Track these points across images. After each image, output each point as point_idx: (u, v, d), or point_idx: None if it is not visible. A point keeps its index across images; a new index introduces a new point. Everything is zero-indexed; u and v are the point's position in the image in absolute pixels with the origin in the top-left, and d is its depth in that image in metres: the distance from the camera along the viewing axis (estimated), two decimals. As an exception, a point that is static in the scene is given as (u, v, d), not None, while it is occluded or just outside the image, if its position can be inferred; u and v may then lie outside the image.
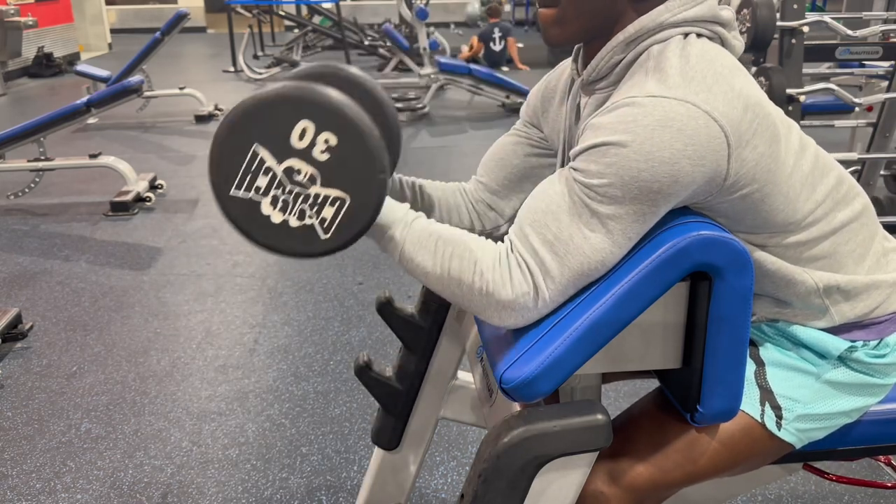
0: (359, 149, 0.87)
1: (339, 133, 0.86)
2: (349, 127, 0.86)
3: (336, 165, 0.87)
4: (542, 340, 0.91)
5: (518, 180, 1.19)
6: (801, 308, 1.00)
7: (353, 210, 0.88)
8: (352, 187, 0.88)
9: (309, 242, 0.90)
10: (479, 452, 0.96)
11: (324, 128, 0.86)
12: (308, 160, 0.86)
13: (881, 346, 1.01)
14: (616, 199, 0.84)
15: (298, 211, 0.88)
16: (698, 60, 0.86)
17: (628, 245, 0.88)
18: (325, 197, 0.88)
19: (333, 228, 0.89)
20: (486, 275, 0.90)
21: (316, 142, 0.86)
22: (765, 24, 3.00)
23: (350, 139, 0.86)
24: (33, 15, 8.48)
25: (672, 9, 0.90)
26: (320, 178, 0.87)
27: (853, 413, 1.03)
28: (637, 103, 0.84)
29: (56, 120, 3.88)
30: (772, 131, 0.88)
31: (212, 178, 0.89)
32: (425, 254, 0.93)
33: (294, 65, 9.00)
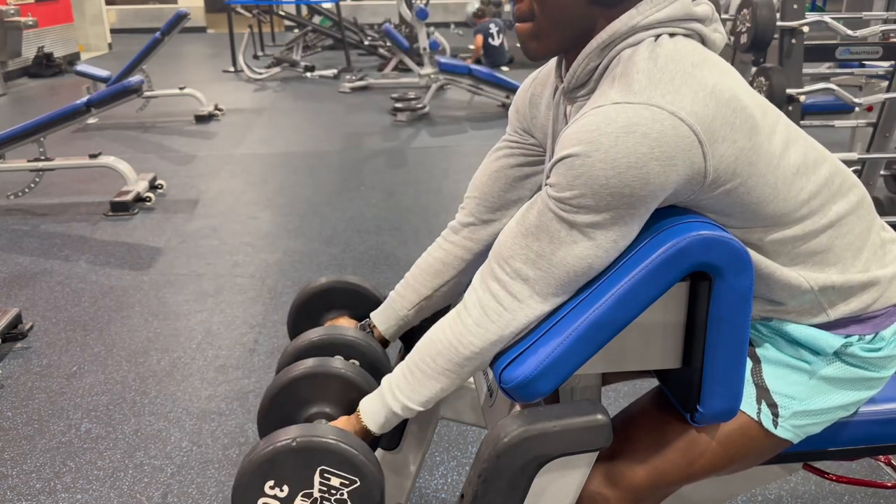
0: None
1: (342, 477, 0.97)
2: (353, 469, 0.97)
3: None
4: (542, 340, 0.91)
5: (513, 188, 1.20)
6: (795, 306, 0.99)
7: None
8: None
9: None
10: (479, 452, 0.96)
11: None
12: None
13: (876, 339, 1.01)
14: (591, 208, 0.85)
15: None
16: (667, 61, 0.86)
17: (615, 248, 0.89)
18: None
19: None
20: (465, 339, 0.96)
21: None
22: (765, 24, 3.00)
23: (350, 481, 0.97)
24: (33, 15, 8.49)
25: (643, 11, 0.90)
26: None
27: (850, 407, 1.04)
28: (600, 112, 0.84)
29: (56, 120, 3.88)
30: (750, 124, 0.87)
31: None
32: (426, 383, 1.01)
33: (294, 64, 9.01)
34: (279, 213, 3.88)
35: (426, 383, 1.00)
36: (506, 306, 0.93)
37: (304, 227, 3.66)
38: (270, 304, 2.82)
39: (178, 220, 3.80)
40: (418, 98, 6.55)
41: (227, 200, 4.11)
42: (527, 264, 0.91)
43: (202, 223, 3.75)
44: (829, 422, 1.03)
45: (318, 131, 5.85)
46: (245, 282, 3.03)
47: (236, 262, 3.25)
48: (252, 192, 4.28)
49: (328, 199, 4.12)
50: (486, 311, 0.94)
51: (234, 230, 3.64)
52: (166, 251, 3.39)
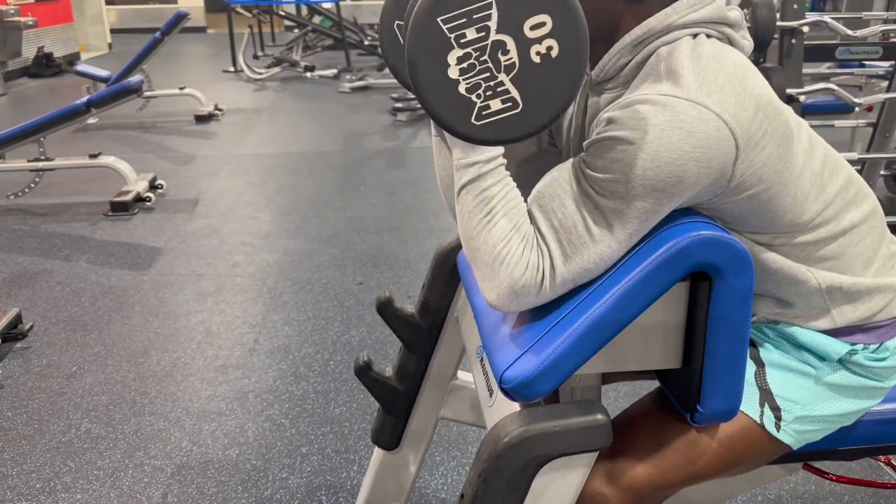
0: (567, 74, 0.83)
1: (566, 50, 0.82)
2: (578, 51, 0.82)
3: (538, 73, 0.83)
4: (542, 340, 0.91)
5: (524, 163, 1.18)
6: (802, 309, 1.00)
7: (516, 120, 0.85)
8: (532, 101, 0.84)
9: (459, 116, 0.85)
10: (479, 452, 0.96)
11: (558, 35, 0.81)
12: (521, 50, 0.82)
13: (881, 349, 1.01)
14: (619, 195, 0.85)
15: (475, 83, 0.83)
16: (710, 61, 0.86)
17: (628, 242, 0.88)
18: (506, 91, 0.83)
19: (486, 121, 0.85)
20: (511, 245, 0.88)
21: (542, 41, 0.82)
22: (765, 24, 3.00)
23: (569, 61, 0.83)
24: (33, 15, 8.49)
25: (679, 10, 0.90)
26: (516, 72, 0.83)
27: (851, 416, 1.04)
28: (650, 101, 0.84)
29: (56, 120, 3.88)
30: (783, 131, 0.87)
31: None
32: (485, 200, 0.89)
33: (294, 65, 9.01)
34: (279, 213, 3.88)
35: (480, 201, 0.90)
36: (517, 266, 0.88)
37: (304, 227, 3.66)
38: (270, 304, 2.82)
39: (178, 220, 3.80)
40: (418, 98, 6.54)
41: (227, 200, 4.11)
42: (549, 232, 0.88)
43: (202, 223, 3.75)
44: (830, 430, 1.03)
45: (318, 131, 5.85)
46: (245, 282, 3.03)
47: (236, 262, 3.25)
48: (252, 192, 4.28)
49: (328, 199, 4.12)
50: (523, 251, 0.89)
51: (234, 230, 3.64)
52: (166, 251, 3.39)
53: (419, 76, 0.84)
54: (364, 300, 2.84)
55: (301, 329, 2.63)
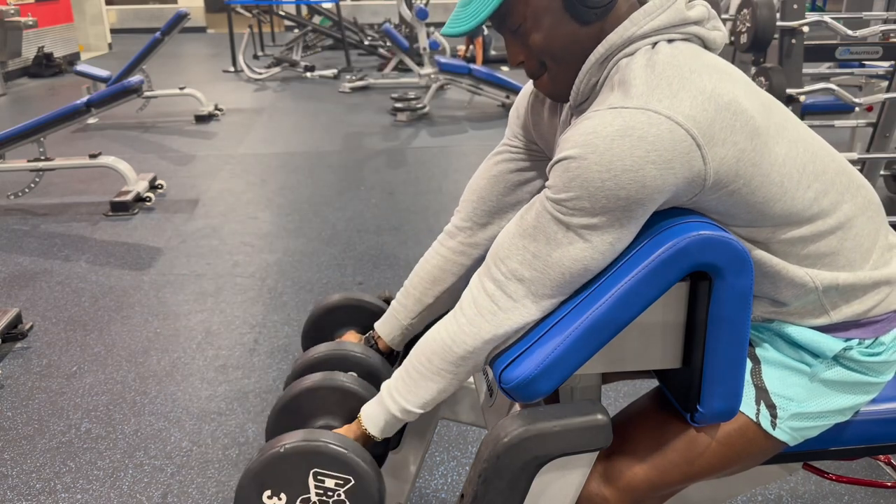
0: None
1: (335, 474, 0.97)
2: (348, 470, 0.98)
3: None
4: (542, 340, 0.91)
5: (512, 192, 1.21)
6: (798, 307, 1.00)
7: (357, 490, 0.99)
8: None
9: None
10: (479, 452, 0.96)
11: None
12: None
13: (876, 344, 1.01)
14: (586, 210, 0.86)
15: None
16: (664, 67, 0.87)
17: (611, 250, 0.89)
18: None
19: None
20: (459, 338, 0.96)
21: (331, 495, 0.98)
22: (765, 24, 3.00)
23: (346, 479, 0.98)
24: (33, 15, 8.49)
25: (637, 22, 0.90)
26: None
27: (847, 411, 1.04)
28: (597, 116, 0.85)
29: (56, 120, 3.88)
30: (750, 126, 0.87)
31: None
32: (423, 384, 1.01)
33: (294, 65, 9.01)
34: (279, 213, 3.88)
35: (423, 384, 1.01)
36: (500, 305, 0.93)
37: (304, 227, 3.66)
38: (270, 304, 2.82)
39: (178, 220, 3.80)
40: (418, 98, 6.55)
41: (227, 200, 4.11)
42: (523, 265, 0.91)
43: (202, 223, 3.75)
44: (826, 426, 1.03)
45: (318, 131, 5.85)
46: (245, 282, 3.03)
47: (236, 262, 3.25)
48: (252, 192, 4.28)
49: (328, 199, 4.12)
50: (480, 311, 0.94)
51: (234, 230, 3.64)
52: (166, 251, 3.39)
53: None
54: (364, 300, 2.84)
55: (301, 329, 2.62)
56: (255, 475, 0.97)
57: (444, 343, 0.98)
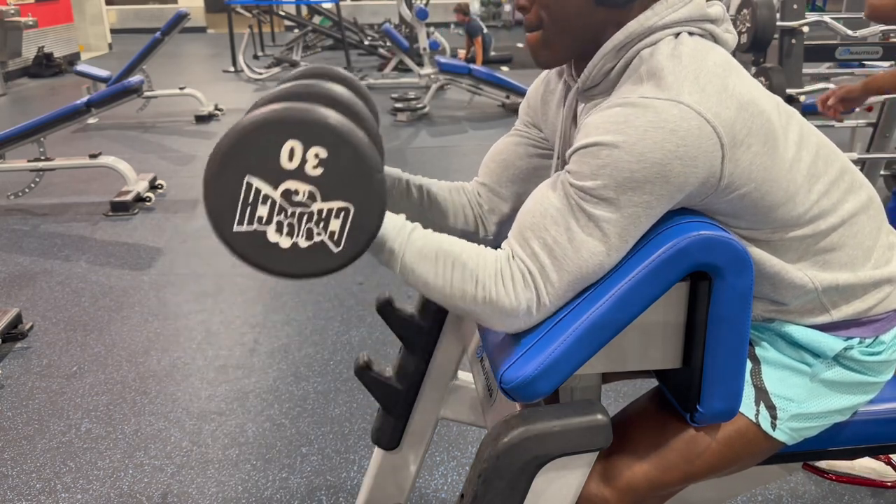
0: (350, 156, 0.85)
1: (327, 145, 0.84)
2: (334, 137, 0.84)
3: (332, 177, 0.85)
4: (543, 340, 0.91)
5: (520, 181, 1.18)
6: (798, 306, 0.99)
7: (360, 216, 0.87)
8: (353, 194, 0.86)
9: (323, 259, 0.89)
10: (479, 452, 0.96)
11: (311, 143, 0.84)
12: (303, 179, 0.85)
13: (876, 343, 1.01)
14: (610, 200, 0.85)
15: (306, 231, 0.87)
16: (690, 60, 0.86)
17: (624, 248, 0.88)
18: (329, 210, 0.86)
19: (344, 239, 0.88)
20: (488, 284, 0.90)
21: (307, 158, 0.84)
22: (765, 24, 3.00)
23: (339, 148, 0.85)
24: (33, 15, 8.49)
25: (660, 12, 0.90)
26: (319, 193, 0.85)
27: (846, 411, 1.04)
28: (630, 104, 0.84)
29: (56, 120, 3.88)
30: (766, 129, 0.87)
31: (211, 220, 0.87)
32: (426, 265, 0.93)
33: (294, 65, 9.01)
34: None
35: (427, 266, 0.93)
36: (527, 284, 0.90)
37: (304, 227, 3.65)
38: (270, 304, 2.82)
39: (178, 220, 3.80)
40: (418, 98, 6.55)
41: (227, 200, 4.11)
42: (543, 250, 0.89)
43: (202, 223, 3.75)
44: (826, 426, 1.03)
45: (318, 131, 5.84)
46: (245, 282, 3.03)
47: (236, 262, 3.24)
48: (252, 192, 4.28)
49: (328, 199, 4.12)
50: (514, 281, 0.90)
51: (234, 230, 3.64)
52: (166, 251, 3.39)
53: (269, 269, 0.89)
54: (364, 300, 2.84)
55: (301, 329, 2.63)
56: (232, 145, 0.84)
57: (475, 274, 0.91)
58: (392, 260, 0.94)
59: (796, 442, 1.02)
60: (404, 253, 0.93)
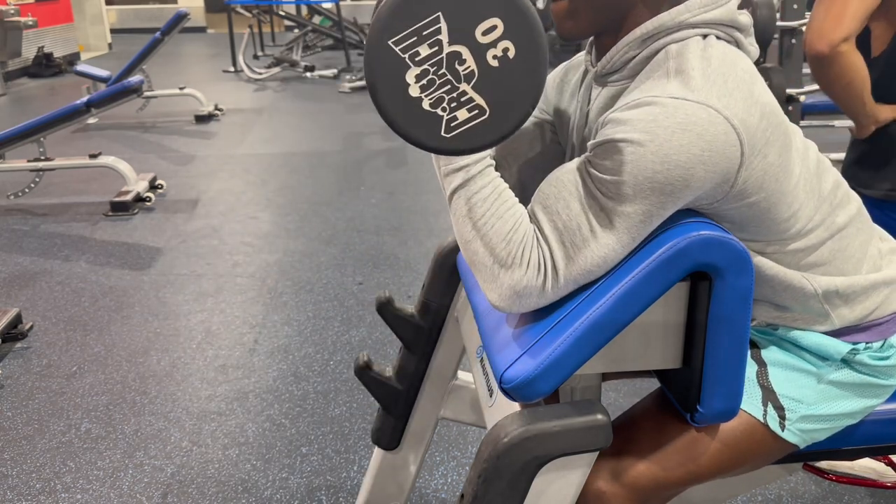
0: (528, 74, 0.82)
1: (522, 49, 0.81)
2: (534, 49, 0.81)
3: (498, 77, 0.82)
4: (543, 340, 0.91)
5: (523, 155, 1.16)
6: (800, 312, 1.00)
7: (485, 127, 0.84)
8: (498, 105, 0.84)
9: (427, 132, 0.84)
10: (479, 452, 0.96)
11: (511, 37, 0.80)
12: (478, 57, 0.81)
13: (885, 347, 1.01)
14: (627, 197, 0.84)
15: (437, 97, 0.82)
16: (720, 63, 0.86)
17: (631, 245, 0.88)
18: (469, 99, 0.82)
19: (455, 132, 0.84)
20: (512, 246, 0.88)
21: (496, 45, 0.80)
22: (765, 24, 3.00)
23: (527, 61, 0.81)
24: (33, 15, 8.49)
25: (692, 9, 0.89)
26: (476, 79, 0.82)
27: (857, 414, 1.03)
28: (659, 103, 0.83)
29: (56, 120, 3.88)
30: (783, 140, 0.88)
31: (379, 18, 0.81)
32: (479, 202, 0.90)
33: (294, 65, 9.01)
34: (279, 213, 3.88)
35: (477, 203, 0.90)
36: (540, 261, 0.89)
37: (304, 227, 3.66)
38: (270, 304, 2.82)
39: (178, 220, 3.80)
40: (418, 98, 6.54)
41: (227, 200, 4.11)
42: (553, 233, 0.88)
43: (202, 223, 3.75)
44: (836, 429, 1.03)
45: (318, 131, 5.85)
46: (245, 282, 3.03)
47: (236, 262, 3.25)
48: (252, 192, 4.28)
49: (328, 199, 4.12)
50: (524, 252, 0.89)
51: (234, 230, 3.64)
52: (166, 251, 3.39)
53: (381, 100, 0.84)
54: (364, 300, 2.84)
55: (301, 329, 2.63)
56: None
57: (504, 232, 0.89)
58: (454, 179, 0.91)
59: (806, 444, 1.02)
60: (471, 179, 0.90)
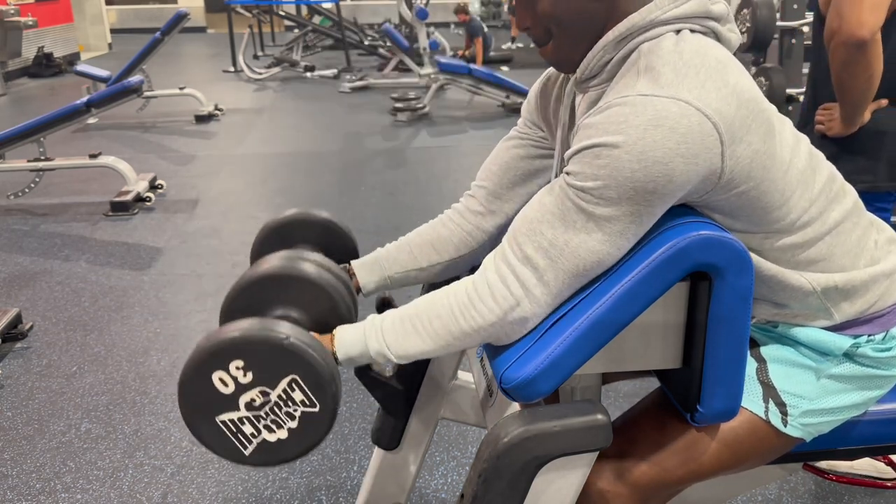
0: (253, 350, 0.90)
1: (234, 358, 0.90)
2: (227, 352, 0.89)
3: (260, 371, 0.90)
4: (542, 340, 0.91)
5: (522, 182, 1.19)
6: (800, 309, 0.99)
7: (308, 373, 0.91)
8: (283, 366, 0.91)
9: (316, 425, 0.93)
10: (479, 452, 0.96)
11: (223, 367, 0.90)
12: (245, 389, 0.91)
13: (887, 338, 1.01)
14: (612, 200, 0.84)
15: (286, 416, 0.93)
16: (692, 56, 0.86)
17: (626, 245, 0.88)
18: (284, 390, 0.91)
19: (315, 396, 0.92)
20: (467, 313, 0.93)
21: (234, 376, 0.90)
22: (765, 24, 3.00)
23: (241, 353, 0.89)
24: (33, 15, 8.49)
25: (662, 6, 0.89)
26: (265, 386, 0.91)
27: (861, 406, 1.03)
28: (628, 102, 0.84)
29: (56, 120, 3.88)
30: (766, 127, 0.87)
31: (212, 450, 0.94)
32: (412, 339, 0.96)
33: (294, 64, 9.02)
34: (279, 213, 3.88)
35: (413, 339, 0.96)
36: (512, 291, 0.91)
37: (304, 227, 3.65)
38: (270, 304, 2.82)
39: (178, 220, 3.80)
40: (418, 98, 6.55)
41: (227, 200, 4.11)
42: (538, 252, 0.89)
43: (202, 223, 3.75)
44: (840, 421, 1.03)
45: (318, 131, 5.85)
46: (245, 282, 3.03)
47: (236, 262, 3.25)
48: (252, 192, 4.28)
49: (328, 199, 4.12)
50: (493, 292, 0.92)
51: (234, 230, 3.64)
52: (166, 251, 3.39)
53: (271, 464, 0.95)
54: (364, 300, 2.83)
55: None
56: (240, 342, 0.89)
57: (452, 312, 0.94)
58: (383, 356, 0.98)
59: (813, 437, 1.02)
60: (387, 345, 0.97)
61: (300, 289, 1.05)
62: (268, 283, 1.05)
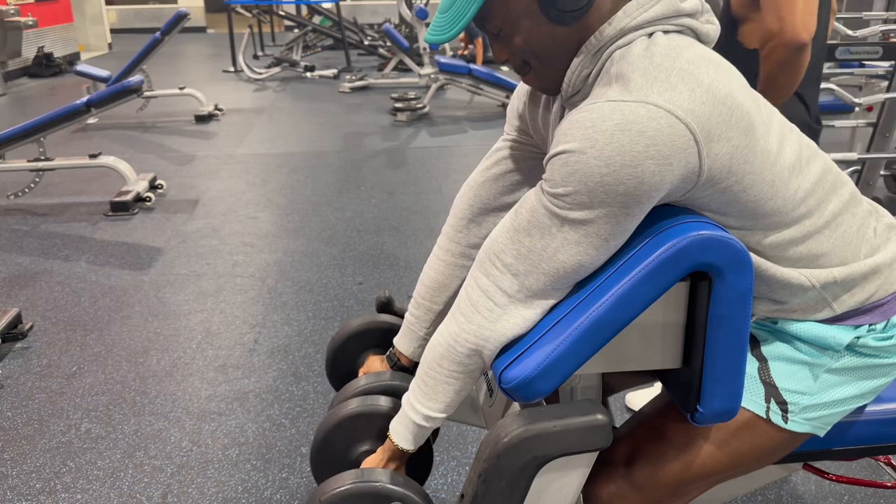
0: None
1: None
2: None
3: None
4: (542, 340, 0.91)
5: (511, 194, 1.21)
6: (799, 304, 0.99)
7: None
8: None
9: None
10: (479, 452, 0.96)
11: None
12: None
13: (888, 327, 1.00)
14: (584, 204, 0.85)
15: None
16: (662, 59, 0.86)
17: (606, 247, 0.89)
18: None
19: None
20: (460, 338, 0.97)
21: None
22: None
23: None
24: (33, 15, 8.49)
25: (631, 13, 0.90)
26: None
27: (867, 395, 1.03)
28: (596, 109, 0.85)
29: (56, 120, 3.88)
30: (745, 122, 0.87)
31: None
32: (438, 388, 1.02)
33: (294, 64, 9.01)
34: (279, 213, 3.88)
35: (439, 389, 1.02)
36: (496, 301, 0.93)
37: (304, 227, 3.66)
38: (270, 304, 2.82)
39: (178, 220, 3.80)
40: (418, 98, 6.55)
41: (227, 200, 4.11)
42: (518, 259, 0.91)
43: (202, 223, 3.75)
44: (848, 411, 1.03)
45: (318, 131, 5.85)
46: (245, 282, 3.03)
47: (236, 262, 3.25)
48: (252, 192, 4.28)
49: (328, 199, 4.12)
50: (476, 307, 0.95)
51: (234, 230, 3.64)
52: (166, 251, 3.39)
53: None
54: (364, 300, 2.84)
55: (301, 329, 2.63)
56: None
57: (448, 345, 0.98)
58: (429, 418, 1.05)
59: (824, 430, 1.02)
60: (426, 408, 1.04)
61: (372, 423, 1.18)
62: (352, 423, 1.19)
